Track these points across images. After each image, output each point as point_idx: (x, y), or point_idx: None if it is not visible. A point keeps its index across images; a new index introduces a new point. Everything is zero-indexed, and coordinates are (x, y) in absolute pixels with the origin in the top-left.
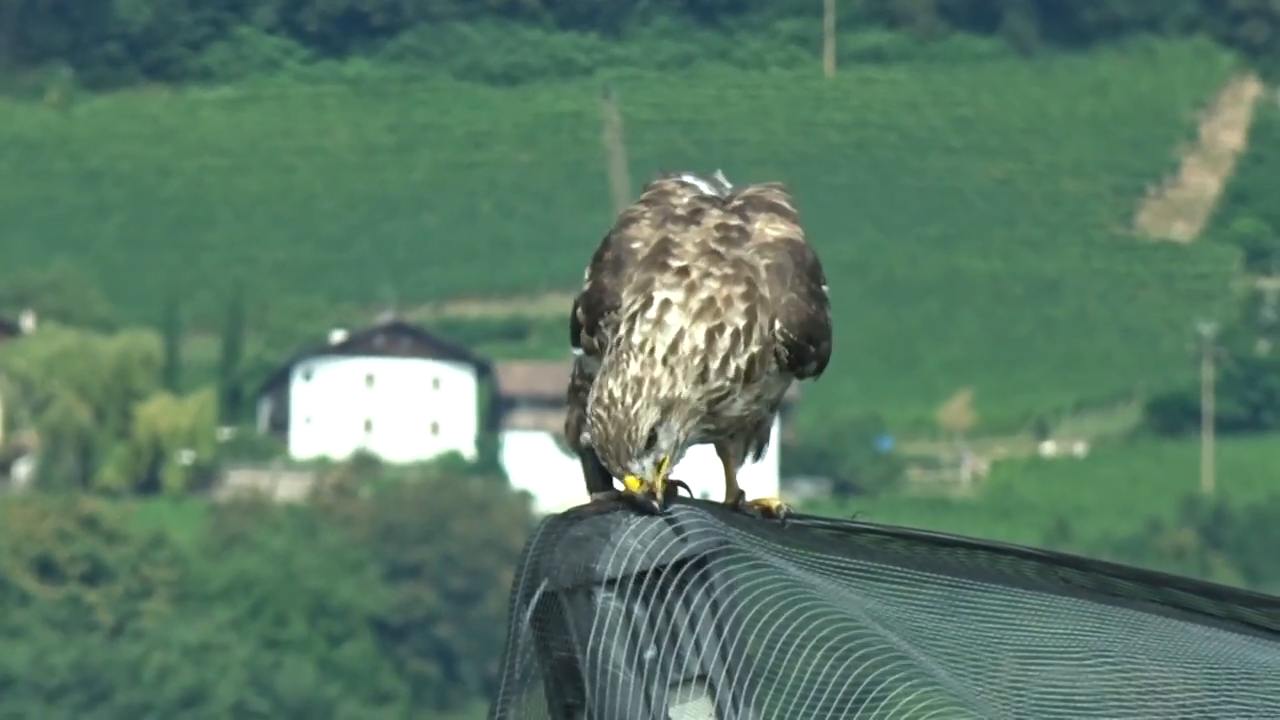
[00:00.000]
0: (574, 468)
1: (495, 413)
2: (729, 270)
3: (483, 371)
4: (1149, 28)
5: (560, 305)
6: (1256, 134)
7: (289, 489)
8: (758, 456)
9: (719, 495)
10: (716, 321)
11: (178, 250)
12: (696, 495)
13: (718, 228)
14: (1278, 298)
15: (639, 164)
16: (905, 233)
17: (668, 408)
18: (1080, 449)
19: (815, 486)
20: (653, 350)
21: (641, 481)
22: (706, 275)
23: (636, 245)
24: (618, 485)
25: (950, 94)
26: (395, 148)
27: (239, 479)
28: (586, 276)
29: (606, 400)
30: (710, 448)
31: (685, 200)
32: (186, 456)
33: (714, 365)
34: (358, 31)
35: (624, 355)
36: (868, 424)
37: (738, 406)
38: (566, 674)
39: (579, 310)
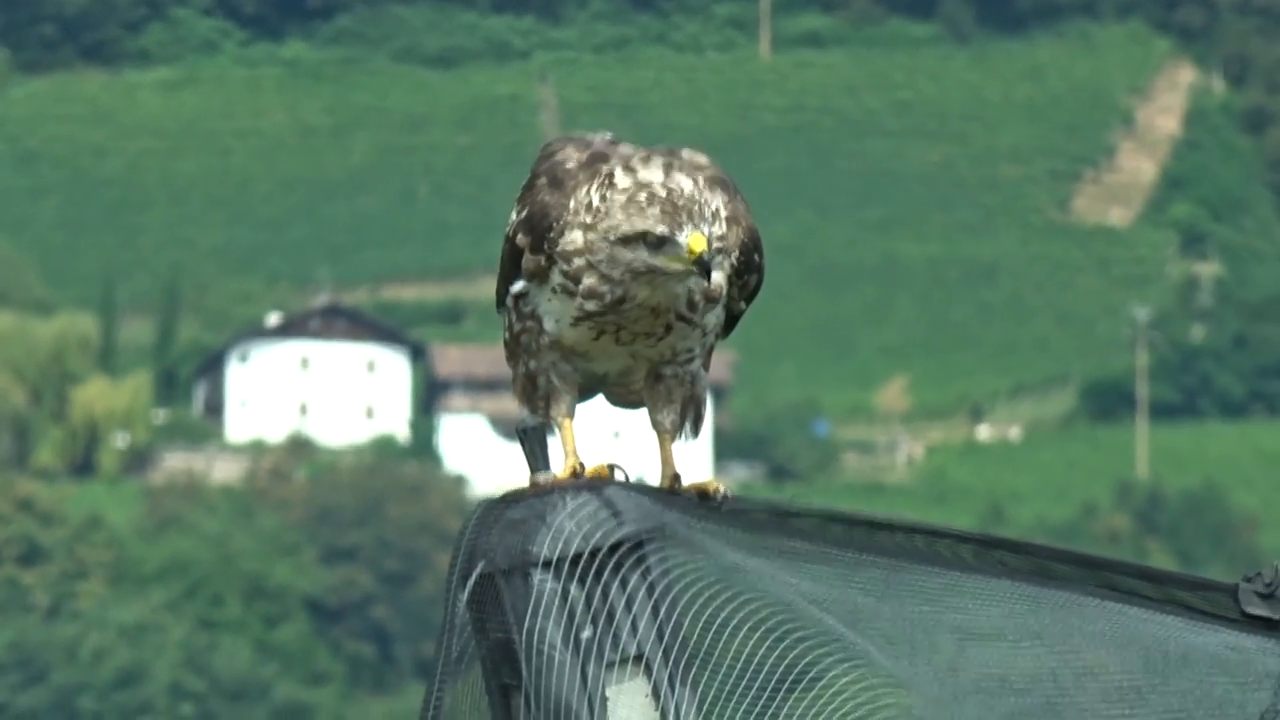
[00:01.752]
0: (509, 451)
1: (430, 395)
2: (665, 159)
3: (418, 354)
4: (1085, 13)
5: (495, 287)
6: (1192, 119)
7: (224, 472)
8: (695, 432)
9: (655, 478)
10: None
11: (114, 232)
12: (632, 478)
13: (643, 150)
14: (1213, 283)
15: None
16: (842, 216)
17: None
18: (1015, 434)
19: (750, 471)
20: (654, 162)
21: (709, 243)
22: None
23: (570, 164)
24: (556, 469)
25: (887, 78)
26: (332, 130)
27: (174, 461)
28: (516, 211)
29: (656, 179)
30: (647, 426)
31: (596, 138)
32: (122, 439)
33: (712, 207)
34: (294, 14)
35: (634, 163)
36: (803, 408)
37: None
38: (503, 654)
39: (517, 237)
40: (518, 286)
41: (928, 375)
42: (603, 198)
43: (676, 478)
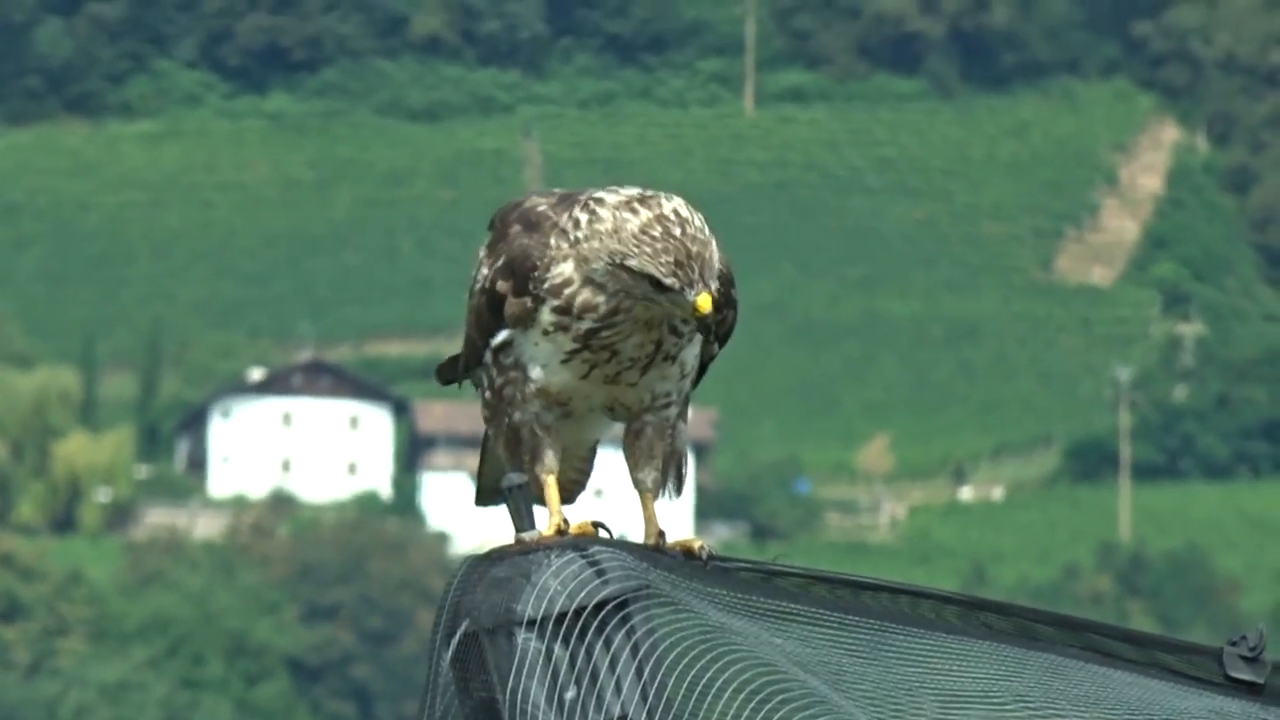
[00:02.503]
0: (492, 509)
1: (413, 452)
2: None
3: (400, 410)
4: (1069, 70)
5: None
6: (1176, 178)
7: (206, 528)
8: (678, 490)
9: (639, 537)
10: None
11: (96, 286)
12: (616, 537)
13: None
14: (1196, 343)
15: None
16: (825, 273)
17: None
18: (998, 494)
19: (732, 530)
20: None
21: (713, 299)
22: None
23: (541, 208)
24: (541, 526)
25: (870, 134)
26: (315, 184)
27: (156, 517)
28: (487, 263)
29: (676, 217)
30: (628, 486)
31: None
32: (104, 494)
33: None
34: (278, 66)
35: (639, 197)
36: (786, 467)
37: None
38: (487, 714)
39: (496, 285)
40: (500, 337)
41: (910, 434)
42: (592, 214)
43: (661, 535)
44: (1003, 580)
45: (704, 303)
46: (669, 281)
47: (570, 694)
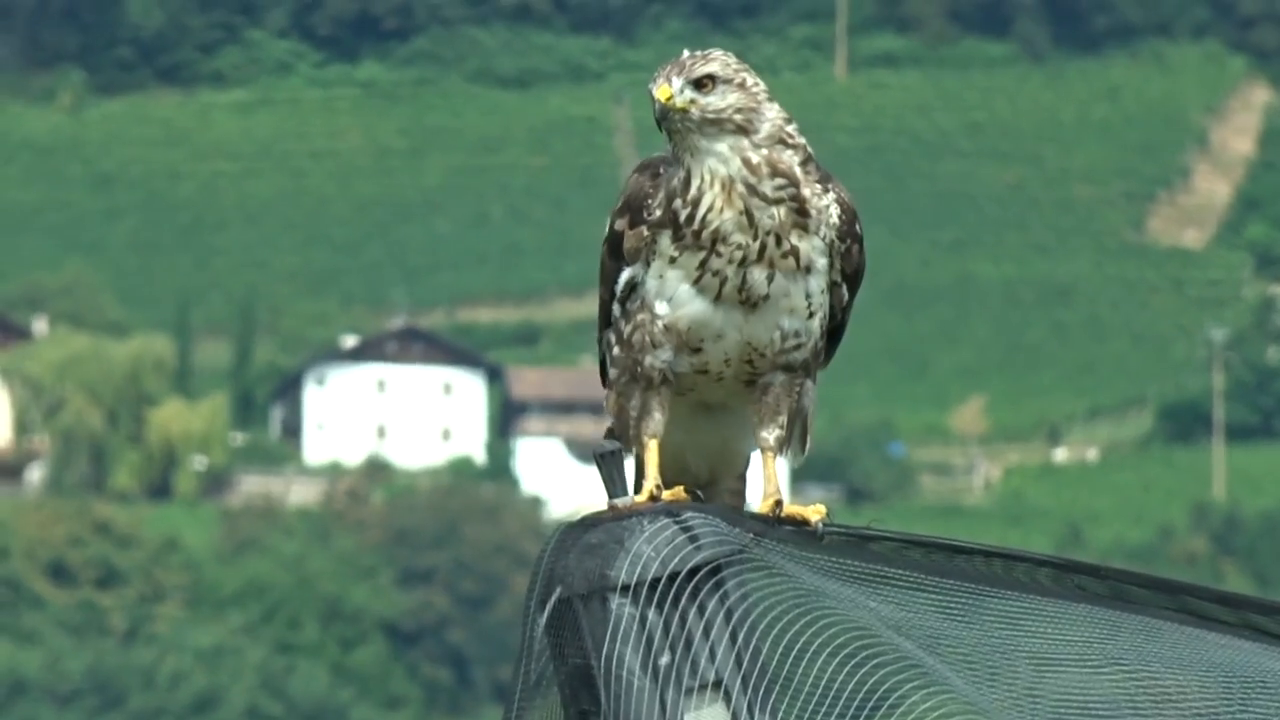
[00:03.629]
0: (586, 474)
1: (506, 418)
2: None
3: (494, 377)
4: (1159, 33)
5: (572, 310)
6: (1267, 140)
7: (301, 494)
8: (802, 450)
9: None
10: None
11: (189, 254)
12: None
13: None
14: None
15: None
16: (917, 237)
17: (740, 87)
18: (1092, 455)
19: (827, 493)
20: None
21: (670, 97)
22: None
23: (660, 154)
24: (634, 493)
25: (961, 99)
26: (407, 152)
27: (251, 484)
28: (611, 217)
29: (705, 51)
30: (757, 452)
31: None
32: (199, 462)
33: (789, 127)
34: (369, 35)
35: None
36: (879, 430)
37: (771, 186)
38: (581, 680)
39: (616, 223)
40: (624, 277)
41: (1004, 396)
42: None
43: (778, 503)
44: (1098, 542)
45: (659, 91)
46: (650, 85)
47: (665, 660)
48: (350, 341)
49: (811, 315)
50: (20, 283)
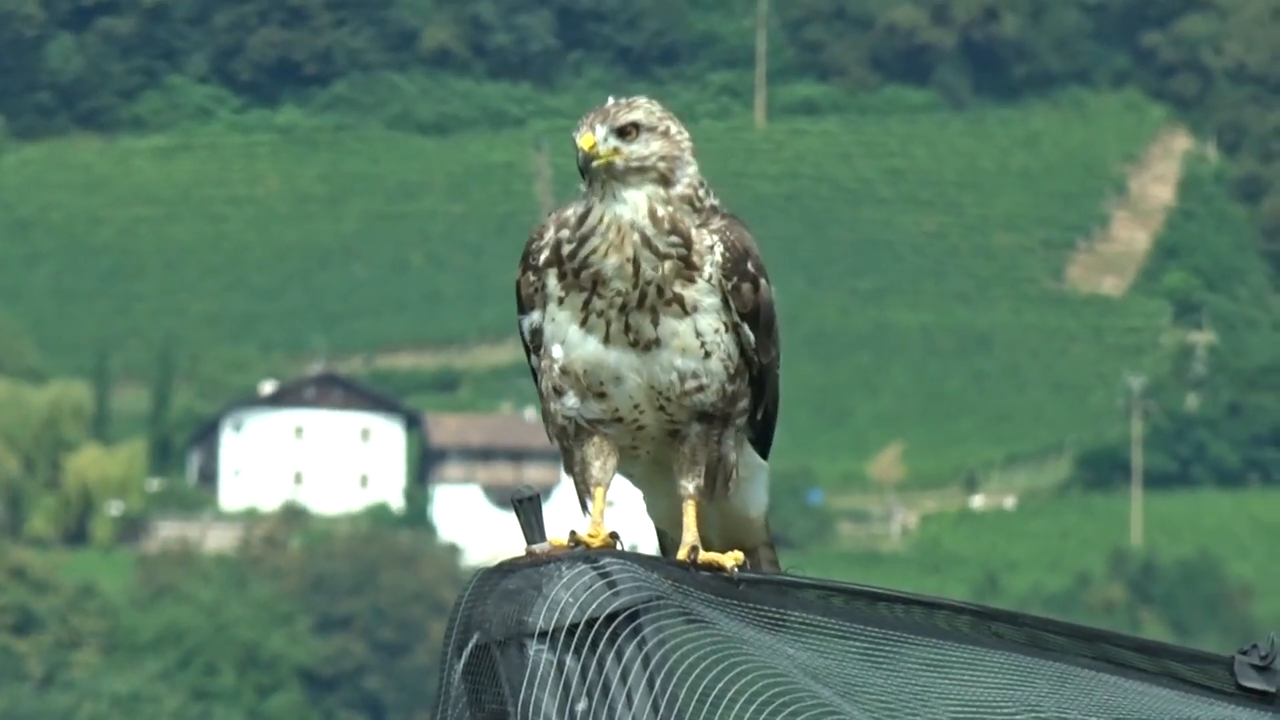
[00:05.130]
0: (504, 520)
1: (425, 464)
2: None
3: (412, 423)
4: (1079, 81)
5: (491, 356)
6: (1186, 188)
7: (218, 540)
8: (712, 492)
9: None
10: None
11: (108, 300)
12: (628, 547)
13: None
14: (1207, 352)
15: None
16: (836, 285)
17: (664, 135)
18: (1010, 503)
19: None
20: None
21: (593, 146)
22: None
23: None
24: (552, 538)
25: (882, 146)
26: (326, 197)
27: (168, 530)
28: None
29: (628, 100)
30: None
31: None
32: (116, 507)
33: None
34: (289, 80)
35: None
36: (798, 477)
37: (671, 280)
38: None
39: (518, 279)
40: (526, 322)
41: (922, 444)
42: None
43: (695, 549)
44: (1015, 589)
45: (583, 140)
46: (574, 133)
47: (582, 706)
48: (269, 387)
49: (708, 355)
50: None
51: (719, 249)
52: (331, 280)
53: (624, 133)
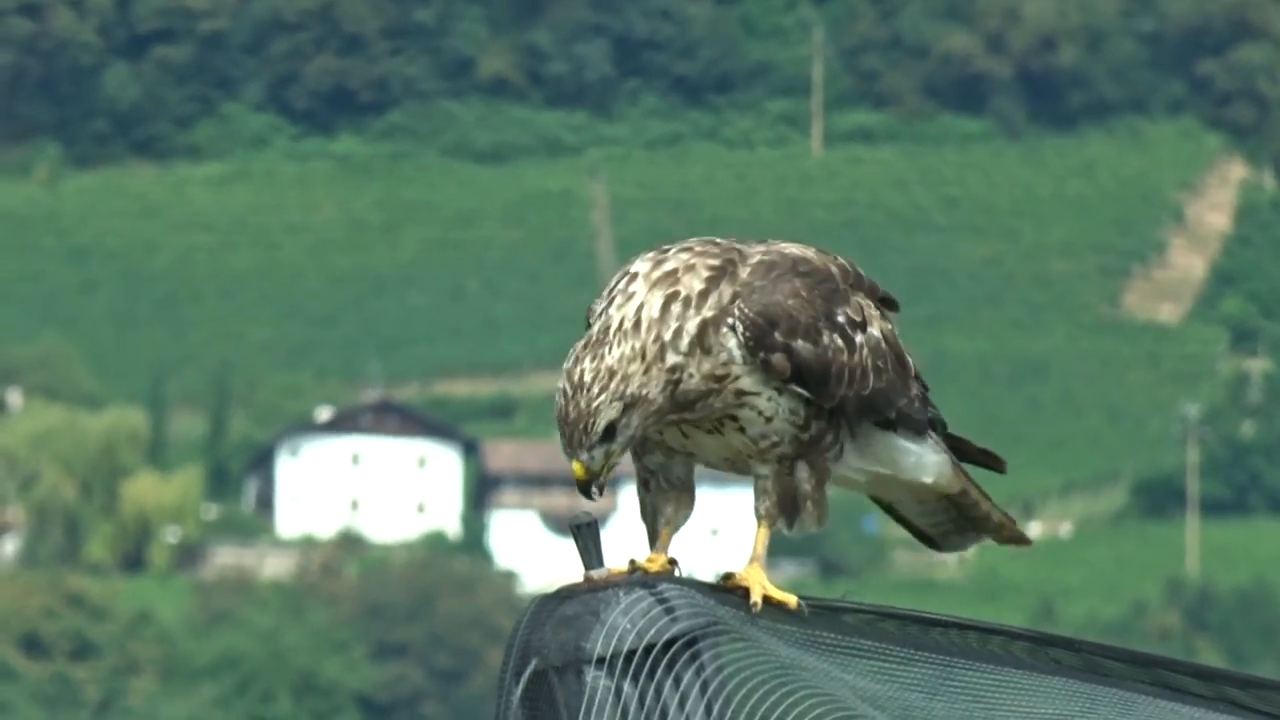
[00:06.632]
0: (560, 547)
1: (481, 491)
2: (713, 249)
3: (469, 450)
4: (1136, 109)
5: (548, 383)
6: (1243, 215)
7: (275, 567)
8: (788, 526)
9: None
10: (672, 289)
11: (164, 327)
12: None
13: (741, 238)
14: (1263, 379)
15: (626, 243)
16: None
17: (631, 404)
18: (1066, 530)
19: (801, 568)
20: (620, 326)
21: (586, 470)
22: (683, 251)
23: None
24: (610, 564)
25: (937, 174)
26: (382, 225)
27: (225, 557)
28: None
29: (576, 381)
30: (750, 510)
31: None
32: (172, 534)
33: (667, 336)
34: (345, 109)
35: (603, 336)
36: (852, 505)
37: (695, 383)
38: None
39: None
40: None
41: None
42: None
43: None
44: (1071, 617)
45: (576, 469)
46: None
47: None
48: (325, 414)
49: (770, 420)
50: None
51: (740, 329)
52: (388, 307)
53: (608, 435)
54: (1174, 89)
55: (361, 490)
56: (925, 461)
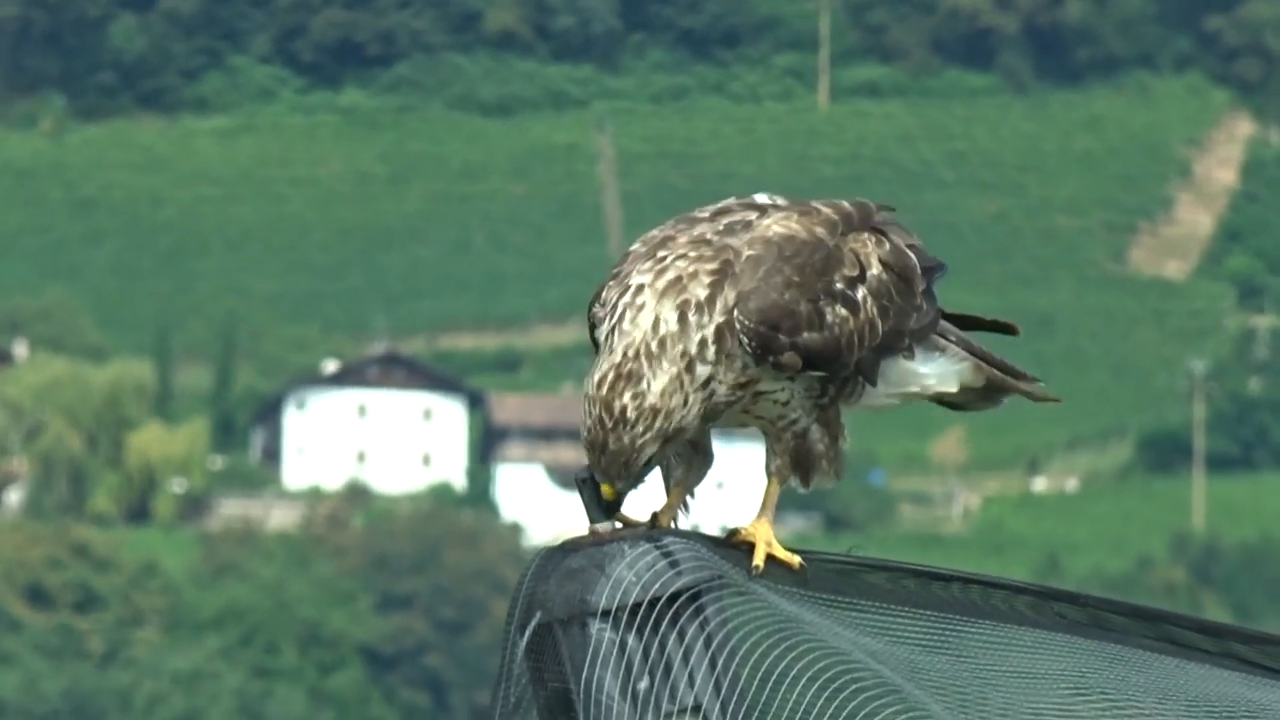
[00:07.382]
0: (565, 500)
1: (487, 444)
2: (707, 253)
3: (475, 403)
4: (1143, 65)
5: (552, 337)
6: (1249, 171)
7: (280, 519)
8: (804, 483)
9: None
10: (683, 297)
11: (170, 279)
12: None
13: (725, 224)
14: (1270, 335)
15: (632, 197)
16: None
17: (670, 438)
18: (1072, 485)
19: (806, 521)
20: (644, 345)
21: (616, 493)
22: (680, 258)
23: (636, 246)
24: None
25: (944, 129)
26: (388, 178)
27: (230, 508)
28: None
29: (617, 415)
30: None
31: (721, 205)
32: (178, 485)
33: (693, 350)
34: (352, 62)
35: (635, 358)
36: (859, 458)
37: (722, 391)
38: (560, 705)
39: None
40: None
41: (984, 426)
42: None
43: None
44: (1076, 571)
45: (606, 490)
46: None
47: (644, 684)
48: (331, 366)
49: (786, 404)
50: (1, 307)
51: (744, 341)
52: (393, 260)
53: (646, 468)
54: (1181, 44)
55: (367, 442)
56: (946, 373)
